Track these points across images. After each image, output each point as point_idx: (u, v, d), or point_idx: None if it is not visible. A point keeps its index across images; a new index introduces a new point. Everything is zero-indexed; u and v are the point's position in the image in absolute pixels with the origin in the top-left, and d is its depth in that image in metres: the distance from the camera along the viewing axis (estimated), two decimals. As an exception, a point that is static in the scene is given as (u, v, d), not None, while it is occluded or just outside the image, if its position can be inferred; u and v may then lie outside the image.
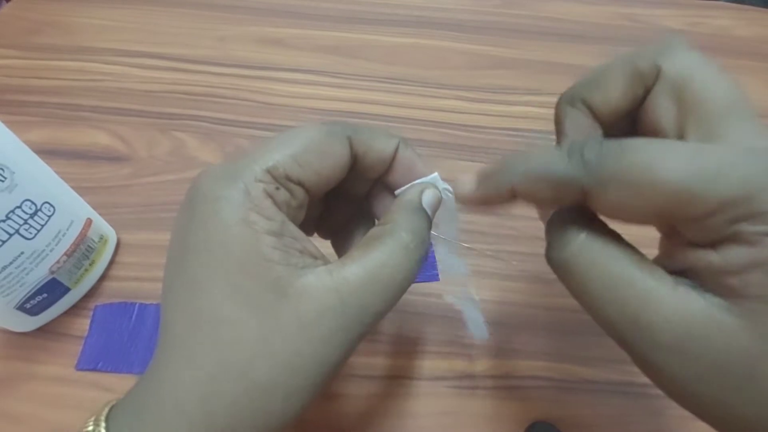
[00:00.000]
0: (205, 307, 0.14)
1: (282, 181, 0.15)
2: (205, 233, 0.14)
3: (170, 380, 0.14)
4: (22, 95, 0.39)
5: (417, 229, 0.16)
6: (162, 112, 0.38)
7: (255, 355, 0.14)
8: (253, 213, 0.14)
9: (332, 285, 0.14)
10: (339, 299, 0.14)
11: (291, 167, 0.15)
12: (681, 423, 0.25)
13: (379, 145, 0.17)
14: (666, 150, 0.13)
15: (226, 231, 0.14)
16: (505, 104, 0.40)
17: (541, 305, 0.29)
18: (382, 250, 0.15)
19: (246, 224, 0.14)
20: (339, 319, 0.14)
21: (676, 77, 0.16)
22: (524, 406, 0.26)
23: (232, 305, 0.14)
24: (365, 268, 0.15)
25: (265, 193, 0.14)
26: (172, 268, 0.15)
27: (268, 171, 0.15)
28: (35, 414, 0.25)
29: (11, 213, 0.23)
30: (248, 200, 0.14)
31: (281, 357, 0.14)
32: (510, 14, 0.47)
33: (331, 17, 0.45)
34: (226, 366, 0.14)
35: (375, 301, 0.15)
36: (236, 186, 0.14)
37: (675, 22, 0.47)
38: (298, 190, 0.16)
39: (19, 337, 0.27)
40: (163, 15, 0.45)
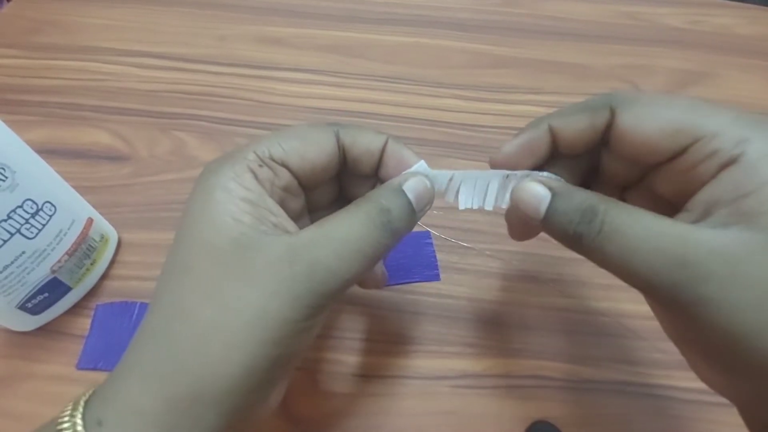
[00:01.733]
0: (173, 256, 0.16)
1: (266, 160, 0.17)
2: (194, 197, 0.17)
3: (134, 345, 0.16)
4: (23, 95, 0.39)
5: (381, 200, 0.17)
6: (162, 111, 0.38)
7: (205, 296, 0.15)
8: (232, 182, 0.16)
9: (287, 240, 0.16)
10: (289, 251, 0.15)
11: (275, 149, 0.17)
12: (681, 423, 0.25)
13: (366, 138, 0.19)
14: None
15: (209, 195, 0.16)
16: (505, 103, 0.39)
17: (540, 305, 0.29)
18: (342, 215, 0.17)
19: (225, 190, 0.16)
20: (286, 271, 0.15)
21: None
22: (524, 405, 0.26)
23: (196, 254, 0.16)
24: (321, 227, 0.16)
25: (247, 168, 0.17)
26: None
27: (254, 152, 0.17)
28: (36, 413, 0.25)
29: (12, 212, 0.23)
30: (232, 173, 0.16)
31: (225, 300, 0.15)
32: (511, 13, 0.46)
33: (332, 16, 0.45)
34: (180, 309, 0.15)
35: (327, 257, 0.15)
36: (226, 163, 0.17)
37: (676, 20, 0.46)
38: (282, 171, 0.17)
39: (20, 336, 0.27)
40: (164, 14, 0.45)
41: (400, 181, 0.18)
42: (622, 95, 0.17)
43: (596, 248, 0.16)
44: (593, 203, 0.16)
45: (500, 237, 0.32)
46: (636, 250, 0.15)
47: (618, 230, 0.15)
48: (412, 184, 0.18)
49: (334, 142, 0.18)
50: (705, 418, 0.25)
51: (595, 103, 0.17)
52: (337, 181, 0.21)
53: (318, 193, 0.20)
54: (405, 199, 0.17)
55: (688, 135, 0.15)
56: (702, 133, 0.15)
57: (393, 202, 0.17)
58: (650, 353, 0.27)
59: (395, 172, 0.19)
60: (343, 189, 0.21)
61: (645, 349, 0.27)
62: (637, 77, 0.42)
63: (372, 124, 0.38)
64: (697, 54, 0.44)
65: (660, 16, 0.47)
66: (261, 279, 0.15)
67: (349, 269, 0.16)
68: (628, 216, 0.15)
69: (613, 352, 0.27)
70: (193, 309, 0.15)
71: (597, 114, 0.17)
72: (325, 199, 0.21)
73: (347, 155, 0.19)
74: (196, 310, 0.15)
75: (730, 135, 0.15)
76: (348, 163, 0.19)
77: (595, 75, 0.41)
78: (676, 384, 0.26)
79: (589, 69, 0.42)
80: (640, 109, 0.16)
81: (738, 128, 0.15)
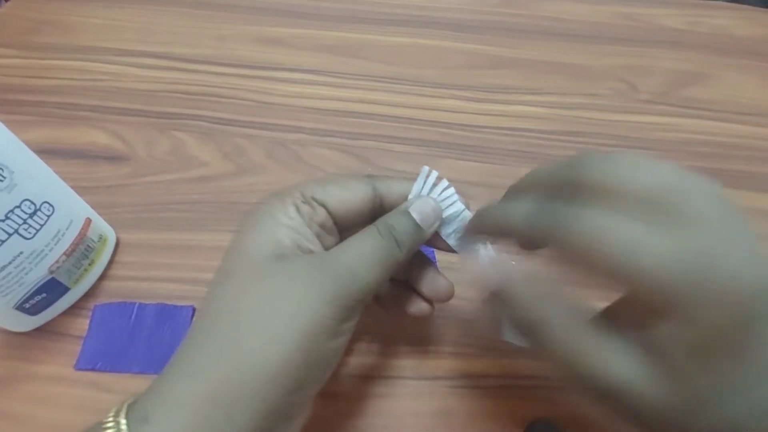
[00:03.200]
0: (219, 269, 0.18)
1: (308, 199, 0.20)
2: (245, 222, 0.20)
3: (180, 348, 0.17)
4: (22, 95, 0.39)
5: (391, 221, 0.20)
6: (161, 111, 0.38)
7: (245, 295, 0.17)
8: (278, 211, 0.19)
9: (316, 255, 0.19)
10: (319, 260, 0.18)
11: (316, 191, 0.20)
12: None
13: (399, 186, 0.22)
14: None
15: (257, 220, 0.19)
16: (504, 104, 0.40)
17: (540, 305, 0.29)
18: (360, 232, 0.20)
19: (271, 217, 0.19)
20: (317, 274, 0.18)
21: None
22: (524, 405, 0.26)
23: (238, 262, 0.18)
24: (343, 242, 0.19)
25: (292, 203, 0.20)
26: None
27: (300, 192, 0.20)
28: (34, 414, 0.25)
29: (10, 213, 0.23)
30: (280, 204, 0.20)
31: (264, 298, 0.17)
32: (509, 14, 0.47)
33: (331, 17, 0.45)
34: (223, 309, 0.17)
35: (350, 263, 0.18)
36: (276, 197, 0.20)
37: (674, 21, 0.47)
38: (320, 209, 0.20)
39: (18, 336, 0.27)
40: (163, 14, 0.45)
41: (406, 205, 0.21)
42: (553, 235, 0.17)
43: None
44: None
45: (499, 237, 0.32)
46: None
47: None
48: (417, 206, 0.21)
49: (370, 191, 0.21)
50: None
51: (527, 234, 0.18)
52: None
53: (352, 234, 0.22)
54: (410, 218, 0.20)
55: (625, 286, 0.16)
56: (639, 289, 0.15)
57: (397, 220, 0.20)
58: (649, 353, 0.27)
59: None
60: None
61: (643, 349, 0.27)
62: (634, 78, 0.42)
63: (371, 124, 0.38)
64: (695, 55, 0.44)
65: (658, 17, 0.47)
66: (296, 280, 0.17)
67: (368, 273, 0.18)
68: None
69: (611, 352, 0.28)
70: (235, 308, 0.17)
71: (529, 241, 0.19)
72: None
73: (384, 202, 0.22)
74: (238, 309, 0.17)
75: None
76: (386, 208, 0.22)
77: (594, 75, 0.42)
78: (675, 384, 0.26)
79: (587, 69, 0.42)
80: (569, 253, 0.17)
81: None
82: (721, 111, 0.40)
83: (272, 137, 0.37)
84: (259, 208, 0.20)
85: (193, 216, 0.32)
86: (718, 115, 0.40)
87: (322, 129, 0.37)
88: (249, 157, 0.36)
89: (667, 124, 0.39)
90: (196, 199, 0.33)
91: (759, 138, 0.39)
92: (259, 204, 0.20)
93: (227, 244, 0.19)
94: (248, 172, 0.35)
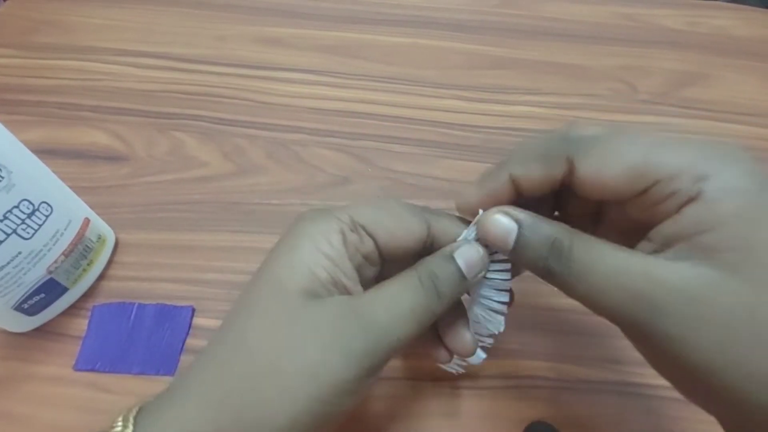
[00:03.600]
0: (247, 291, 0.17)
1: (357, 227, 0.18)
2: (284, 239, 0.18)
3: (195, 367, 0.16)
4: (21, 94, 0.38)
5: (429, 267, 0.18)
6: (161, 111, 0.38)
7: (266, 337, 0.16)
8: (320, 235, 0.17)
9: (348, 300, 0.17)
10: (349, 309, 0.17)
11: (367, 219, 0.18)
12: (677, 423, 0.25)
13: (456, 228, 0.20)
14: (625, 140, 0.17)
15: (296, 240, 0.17)
16: (503, 104, 0.40)
17: (538, 305, 0.29)
18: (395, 279, 0.18)
19: (312, 240, 0.17)
20: (344, 327, 0.16)
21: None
22: (522, 406, 0.26)
23: (266, 293, 0.17)
24: (378, 288, 0.18)
25: (338, 228, 0.18)
26: None
27: (350, 216, 0.18)
28: (33, 414, 0.25)
29: (9, 213, 0.23)
30: (325, 226, 0.18)
31: (285, 346, 0.16)
32: (509, 14, 0.47)
33: (330, 17, 0.45)
34: (242, 344, 0.16)
35: (381, 316, 0.17)
36: (322, 216, 0.18)
37: (674, 21, 0.47)
38: (368, 240, 0.18)
39: (16, 337, 0.27)
40: (162, 14, 0.45)
41: (452, 247, 0.19)
42: (579, 139, 0.17)
43: (567, 286, 0.17)
44: (559, 237, 0.17)
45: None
46: (604, 289, 0.16)
47: (585, 269, 0.16)
48: (464, 251, 0.18)
49: (424, 228, 0.19)
50: (700, 418, 0.25)
51: (552, 150, 0.17)
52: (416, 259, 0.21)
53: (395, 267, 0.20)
54: (454, 266, 0.18)
55: (647, 178, 0.16)
56: (660, 175, 0.15)
57: (441, 268, 0.18)
58: (648, 353, 0.27)
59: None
60: None
61: (643, 350, 0.27)
62: (634, 78, 0.42)
63: (371, 124, 0.38)
64: (694, 55, 0.44)
65: (657, 18, 0.47)
66: (320, 331, 0.16)
67: (401, 328, 0.17)
68: (594, 252, 0.16)
69: (609, 352, 0.28)
70: (255, 347, 0.16)
71: (554, 164, 0.17)
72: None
73: (435, 243, 0.20)
74: (258, 349, 0.16)
75: (688, 174, 0.15)
76: (436, 248, 0.20)
77: (593, 76, 0.42)
78: (674, 384, 0.26)
79: (586, 70, 0.42)
80: (597, 156, 0.16)
81: (698, 166, 0.15)
82: (721, 111, 0.40)
83: (272, 137, 0.37)
84: (302, 225, 0.18)
85: (193, 216, 0.32)
86: (717, 115, 0.40)
87: (322, 129, 0.37)
88: (249, 158, 0.36)
89: (667, 124, 0.39)
90: (196, 199, 0.33)
91: (758, 138, 0.39)
92: (304, 219, 0.18)
93: (227, 244, 0.19)
94: (248, 172, 0.35)
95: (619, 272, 0.15)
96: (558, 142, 0.17)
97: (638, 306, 0.15)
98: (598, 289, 0.16)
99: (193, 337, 0.28)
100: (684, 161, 0.15)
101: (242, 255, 0.30)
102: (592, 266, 0.16)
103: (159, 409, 0.16)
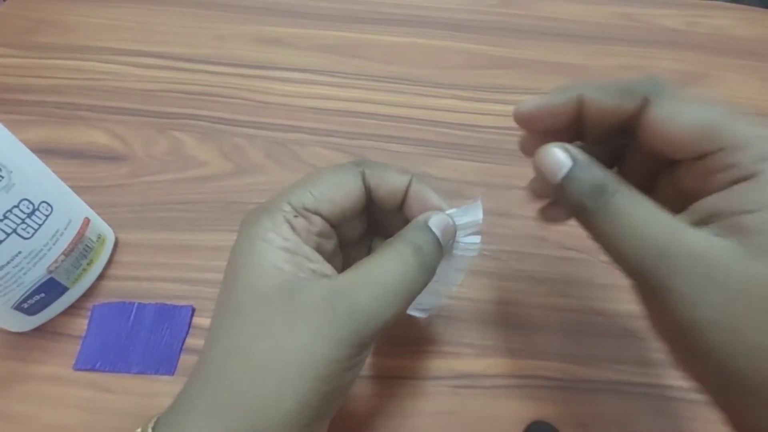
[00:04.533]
0: (224, 300, 0.17)
1: (300, 210, 0.18)
2: (238, 247, 0.18)
3: (195, 379, 0.17)
4: (20, 94, 0.38)
5: (413, 239, 0.18)
6: (160, 111, 0.38)
7: (256, 336, 0.16)
8: (271, 233, 0.17)
9: (327, 285, 0.17)
10: (330, 294, 0.16)
11: (306, 198, 0.18)
12: (678, 422, 0.25)
13: (391, 178, 0.20)
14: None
15: (251, 245, 0.17)
16: (502, 103, 0.40)
17: (538, 305, 0.29)
18: (377, 257, 0.18)
19: (265, 240, 0.17)
20: (330, 314, 0.16)
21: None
22: (523, 405, 0.26)
23: (245, 298, 0.17)
24: (358, 271, 0.17)
25: (284, 219, 0.18)
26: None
27: (289, 203, 0.18)
28: (33, 414, 0.25)
29: (8, 212, 0.23)
30: (271, 224, 0.17)
31: (275, 339, 0.16)
32: (508, 14, 0.47)
33: (330, 16, 0.45)
34: (234, 348, 0.16)
35: (365, 300, 0.16)
36: (265, 215, 0.18)
37: (673, 21, 0.47)
38: (315, 218, 0.18)
39: (16, 336, 0.27)
40: (161, 14, 0.45)
41: (425, 218, 0.19)
42: (660, 86, 0.17)
43: (594, 223, 0.17)
44: (606, 182, 0.17)
45: (499, 237, 0.32)
46: (627, 234, 0.16)
47: (618, 212, 0.16)
48: (437, 221, 0.19)
49: (361, 184, 0.19)
50: (703, 417, 0.25)
51: (631, 86, 0.17)
52: (365, 216, 0.22)
53: (348, 229, 0.21)
54: (432, 234, 0.18)
55: (714, 142, 0.15)
56: (727, 143, 0.15)
57: (422, 238, 0.18)
58: (648, 353, 0.27)
59: (418, 212, 0.20)
60: (370, 221, 0.22)
61: (643, 349, 0.27)
62: (634, 78, 0.42)
63: (370, 124, 0.38)
64: (694, 55, 0.44)
65: (656, 18, 0.47)
66: (306, 321, 0.16)
67: (388, 310, 0.17)
68: (632, 201, 0.16)
69: (611, 352, 0.28)
70: (247, 348, 0.16)
71: (630, 97, 0.17)
72: (356, 234, 0.22)
73: (373, 195, 0.20)
74: (250, 349, 0.16)
75: (753, 151, 0.15)
76: (374, 201, 0.20)
77: (592, 75, 0.42)
78: (674, 384, 0.26)
79: (585, 70, 0.42)
80: (673, 106, 0.16)
81: (764, 146, 0.15)
82: (720, 111, 0.40)
83: (271, 137, 0.37)
84: (248, 230, 0.18)
85: (192, 216, 0.32)
86: (716, 115, 0.40)
87: (321, 129, 0.37)
88: (248, 157, 0.36)
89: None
90: (195, 198, 0.33)
91: (757, 138, 0.39)
92: (248, 223, 0.18)
93: (226, 244, 0.19)
94: (247, 171, 0.35)
95: (649, 223, 0.15)
96: (640, 80, 0.17)
97: (657, 260, 0.15)
98: (623, 232, 0.16)
99: (193, 336, 0.28)
100: (752, 137, 0.15)
101: (242, 254, 0.30)
102: (626, 212, 0.16)
103: (170, 422, 0.16)
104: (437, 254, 0.18)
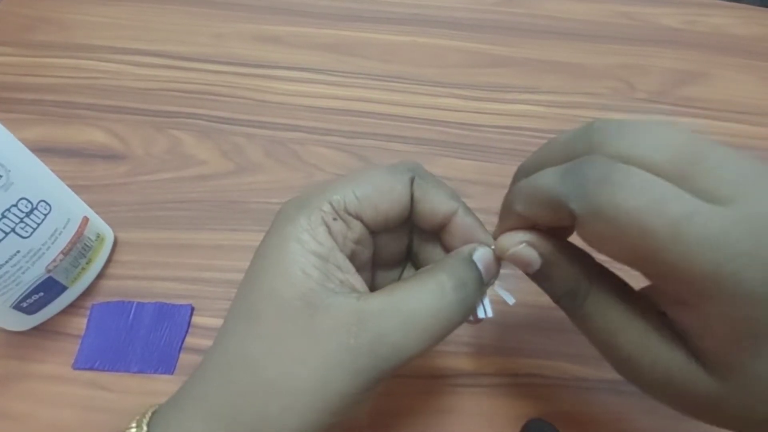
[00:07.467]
0: (242, 299, 0.16)
1: (341, 213, 0.17)
2: (269, 242, 0.17)
3: (199, 378, 0.16)
4: (17, 93, 0.38)
5: (457, 273, 0.16)
6: (158, 110, 0.38)
7: (269, 350, 0.15)
8: (306, 234, 0.16)
9: (355, 307, 0.15)
10: (356, 318, 0.15)
11: (350, 199, 0.17)
12: (674, 422, 0.25)
13: (437, 197, 0.18)
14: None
15: (283, 244, 0.16)
16: (502, 102, 0.40)
17: (536, 304, 0.29)
18: (413, 284, 0.16)
19: (298, 242, 0.16)
20: (351, 341, 0.15)
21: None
22: (520, 403, 0.26)
23: (264, 303, 0.16)
24: (391, 297, 0.16)
25: (321, 221, 0.16)
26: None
27: (330, 203, 0.17)
28: (32, 413, 0.25)
29: (7, 211, 0.23)
30: (307, 224, 0.16)
31: (289, 359, 0.15)
32: (507, 12, 0.46)
33: (329, 15, 0.45)
34: (244, 357, 0.15)
35: (393, 332, 0.15)
36: (302, 211, 0.16)
37: (672, 20, 0.47)
38: (356, 223, 0.17)
39: (15, 336, 0.27)
40: (159, 12, 0.45)
41: (469, 250, 0.17)
42: (582, 198, 0.14)
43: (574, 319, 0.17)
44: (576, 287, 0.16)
45: (497, 236, 0.32)
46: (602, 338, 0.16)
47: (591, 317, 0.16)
48: (481, 255, 0.17)
49: (409, 191, 0.18)
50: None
51: (554, 202, 0.15)
52: (406, 230, 0.20)
53: (386, 242, 0.19)
54: (477, 271, 0.17)
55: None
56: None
57: (468, 274, 0.17)
58: (646, 351, 0.27)
59: (460, 242, 0.18)
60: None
61: (641, 348, 0.28)
62: (632, 77, 0.42)
63: (369, 122, 0.38)
64: (693, 54, 0.44)
65: (655, 16, 0.47)
66: (325, 345, 0.15)
67: (415, 347, 0.15)
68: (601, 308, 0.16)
69: (609, 350, 0.28)
70: (257, 361, 0.15)
71: (559, 215, 0.15)
72: (394, 251, 0.20)
73: (412, 206, 0.18)
74: (260, 364, 0.15)
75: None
76: (417, 210, 0.18)
77: (591, 74, 0.42)
78: (672, 382, 0.26)
79: (585, 68, 0.42)
80: (599, 224, 0.14)
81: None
82: (719, 110, 0.40)
83: (270, 136, 0.37)
84: (284, 226, 0.16)
85: (192, 215, 0.32)
86: (715, 114, 0.40)
87: (321, 127, 0.37)
88: (247, 156, 0.35)
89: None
90: (194, 197, 0.33)
91: (757, 137, 0.39)
92: (285, 219, 0.17)
93: (226, 243, 0.19)
94: (247, 170, 0.35)
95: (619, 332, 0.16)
96: (559, 196, 0.15)
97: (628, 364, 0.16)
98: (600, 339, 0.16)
99: (192, 335, 0.28)
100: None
101: (241, 253, 0.30)
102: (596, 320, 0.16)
103: (167, 417, 0.16)
104: (479, 293, 0.17)
